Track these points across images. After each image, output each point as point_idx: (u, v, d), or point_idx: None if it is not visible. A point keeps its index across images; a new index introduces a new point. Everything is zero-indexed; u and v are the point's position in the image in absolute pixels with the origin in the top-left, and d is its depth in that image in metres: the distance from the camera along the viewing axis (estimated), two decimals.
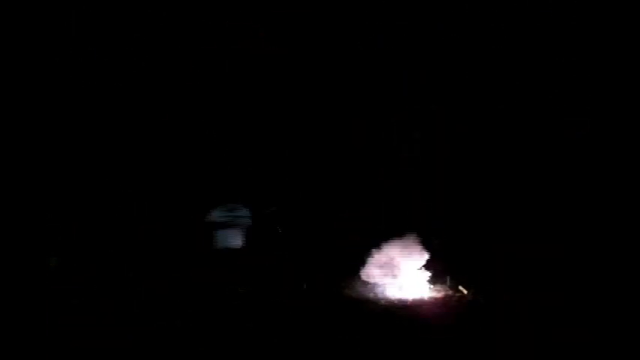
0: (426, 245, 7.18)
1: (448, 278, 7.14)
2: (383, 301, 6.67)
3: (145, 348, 5.20)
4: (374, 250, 7.26)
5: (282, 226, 7.80)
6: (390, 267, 7.05)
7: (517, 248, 7.70)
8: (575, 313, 5.83)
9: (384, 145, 9.90)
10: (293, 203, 9.50)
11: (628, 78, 8.82)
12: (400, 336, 5.49)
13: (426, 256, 7.09)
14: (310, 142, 9.93)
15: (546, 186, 8.93)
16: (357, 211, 8.95)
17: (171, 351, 5.20)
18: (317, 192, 9.66)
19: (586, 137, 8.96)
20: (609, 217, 8.29)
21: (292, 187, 9.69)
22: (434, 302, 6.65)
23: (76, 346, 5.19)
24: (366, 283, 7.17)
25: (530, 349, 5.06)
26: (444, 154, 9.63)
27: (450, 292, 6.90)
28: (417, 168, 9.59)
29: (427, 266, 7.17)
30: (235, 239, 7.12)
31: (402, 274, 7.04)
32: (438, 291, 6.97)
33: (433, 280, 7.12)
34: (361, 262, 7.29)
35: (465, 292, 6.83)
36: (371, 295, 6.89)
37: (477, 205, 9.02)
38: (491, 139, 9.45)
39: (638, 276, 6.77)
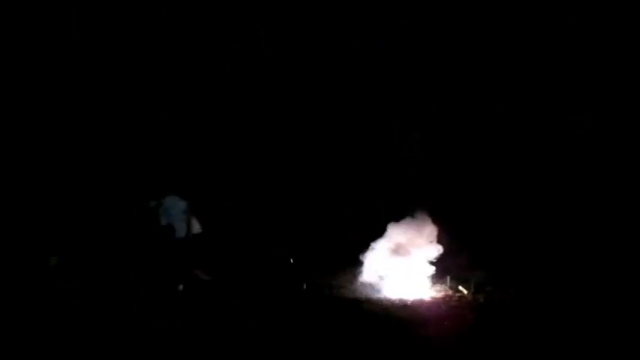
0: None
1: (448, 278, 7.14)
2: (383, 301, 6.68)
3: (145, 348, 5.20)
4: (385, 232, 7.26)
5: (295, 257, 7.88)
6: (401, 245, 7.05)
7: (517, 248, 7.70)
8: (575, 313, 5.83)
9: (384, 145, 9.91)
10: (293, 203, 9.51)
11: (628, 78, 8.83)
12: (400, 336, 5.49)
13: (434, 233, 7.08)
14: (310, 142, 9.94)
15: (547, 186, 8.93)
16: (357, 211, 8.95)
17: (172, 351, 5.20)
18: (317, 192, 9.66)
19: (586, 137, 8.97)
20: (609, 217, 8.29)
21: (292, 187, 9.70)
22: (434, 302, 6.66)
23: (76, 346, 5.19)
24: (366, 283, 7.17)
25: (530, 349, 5.06)
26: (444, 154, 9.64)
27: (450, 292, 6.90)
28: (417, 168, 9.59)
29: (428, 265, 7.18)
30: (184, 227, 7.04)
31: (413, 252, 7.03)
32: (438, 291, 6.97)
33: (433, 280, 7.12)
34: (361, 261, 7.29)
35: (465, 292, 6.83)
36: (371, 295, 6.90)
37: (477, 205, 9.02)
38: (491, 139, 9.46)
39: (638, 276, 6.77)
